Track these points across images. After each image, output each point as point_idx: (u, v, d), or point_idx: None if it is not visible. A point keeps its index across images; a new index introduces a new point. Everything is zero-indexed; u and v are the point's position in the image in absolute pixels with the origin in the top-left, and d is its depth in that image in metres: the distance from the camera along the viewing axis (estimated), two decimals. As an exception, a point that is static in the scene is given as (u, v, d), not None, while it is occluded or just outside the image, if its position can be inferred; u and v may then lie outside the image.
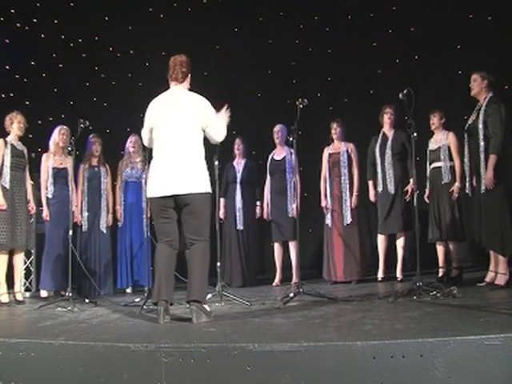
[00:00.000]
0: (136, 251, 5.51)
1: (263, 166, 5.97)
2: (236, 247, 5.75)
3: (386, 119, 5.38)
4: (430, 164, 5.04)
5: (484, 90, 4.36)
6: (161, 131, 3.40)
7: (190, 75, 3.56)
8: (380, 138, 5.38)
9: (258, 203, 5.87)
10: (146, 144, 3.70)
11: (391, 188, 5.22)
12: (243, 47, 7.46)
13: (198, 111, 3.39)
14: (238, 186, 5.79)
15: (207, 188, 3.39)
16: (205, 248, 3.35)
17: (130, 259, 5.53)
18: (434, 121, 5.01)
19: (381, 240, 5.38)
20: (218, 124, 3.53)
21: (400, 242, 5.31)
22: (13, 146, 4.85)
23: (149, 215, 5.37)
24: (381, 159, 5.31)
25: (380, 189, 5.32)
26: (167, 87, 3.56)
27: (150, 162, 5.03)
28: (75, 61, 7.25)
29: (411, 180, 5.16)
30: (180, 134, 3.34)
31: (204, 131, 3.47)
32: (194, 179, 3.31)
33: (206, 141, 3.56)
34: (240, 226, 5.75)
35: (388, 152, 5.26)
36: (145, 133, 3.62)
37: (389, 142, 5.30)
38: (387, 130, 5.39)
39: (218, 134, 3.56)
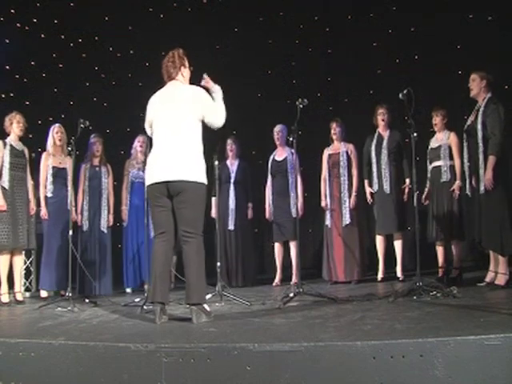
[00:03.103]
0: (142, 251, 5.49)
1: (261, 166, 5.97)
2: (228, 247, 5.72)
3: (380, 120, 5.39)
4: (431, 163, 5.04)
5: (483, 90, 4.36)
6: (157, 124, 3.43)
7: (183, 67, 3.51)
8: (375, 138, 5.40)
9: (250, 205, 5.86)
10: (149, 135, 3.68)
11: (387, 188, 5.23)
12: (243, 47, 7.46)
13: (191, 103, 3.37)
14: (232, 186, 5.76)
15: (201, 178, 3.34)
16: (199, 246, 3.32)
17: (136, 259, 5.52)
18: (437, 121, 5.00)
19: (379, 240, 5.39)
20: (215, 108, 3.47)
21: (397, 242, 5.32)
22: (12, 147, 4.86)
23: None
24: (376, 159, 5.32)
25: (376, 188, 5.33)
26: (159, 88, 3.56)
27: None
28: (75, 61, 7.25)
29: (407, 180, 5.18)
30: (174, 126, 3.34)
31: (203, 121, 3.44)
32: (187, 167, 3.29)
33: (205, 140, 3.53)
34: (231, 227, 5.73)
35: (384, 152, 5.28)
36: (146, 126, 3.64)
37: (384, 142, 5.31)
38: (382, 130, 5.41)
39: (218, 118, 3.49)
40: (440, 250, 4.99)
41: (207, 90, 3.53)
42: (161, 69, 3.53)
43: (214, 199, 5.53)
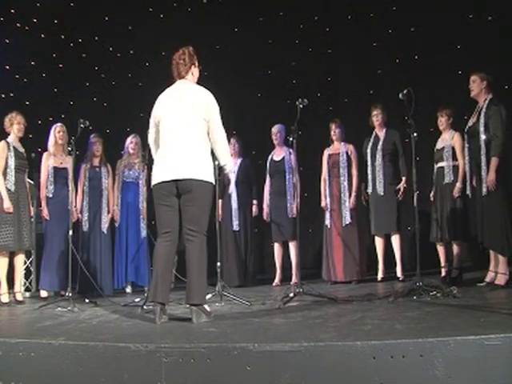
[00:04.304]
0: (132, 252, 5.48)
1: (262, 165, 5.97)
2: (233, 248, 5.72)
3: (375, 121, 5.40)
4: (436, 164, 5.04)
5: (483, 91, 4.36)
6: (165, 122, 3.40)
7: (193, 66, 3.51)
8: (372, 139, 5.41)
9: (255, 202, 5.86)
10: (151, 143, 3.62)
11: (380, 189, 5.22)
12: (243, 47, 7.46)
13: (199, 103, 3.36)
14: (234, 186, 5.76)
15: (209, 178, 3.34)
16: (202, 246, 3.31)
17: (125, 260, 5.51)
18: (442, 121, 4.98)
19: (378, 241, 5.40)
20: (221, 130, 3.44)
21: (395, 242, 5.32)
22: (15, 149, 4.86)
23: (146, 215, 5.41)
24: (371, 160, 5.33)
25: (370, 190, 5.33)
26: (169, 86, 3.54)
27: (149, 163, 5.09)
28: (75, 61, 7.25)
29: (403, 178, 5.18)
30: (183, 125, 3.32)
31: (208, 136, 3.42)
32: (196, 166, 3.28)
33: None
34: (236, 227, 5.72)
35: (379, 153, 5.27)
36: (151, 132, 3.58)
37: (380, 143, 5.31)
38: (378, 130, 5.41)
39: (223, 146, 3.49)
40: (441, 250, 4.99)
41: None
42: (170, 65, 3.50)
43: (220, 202, 5.43)
